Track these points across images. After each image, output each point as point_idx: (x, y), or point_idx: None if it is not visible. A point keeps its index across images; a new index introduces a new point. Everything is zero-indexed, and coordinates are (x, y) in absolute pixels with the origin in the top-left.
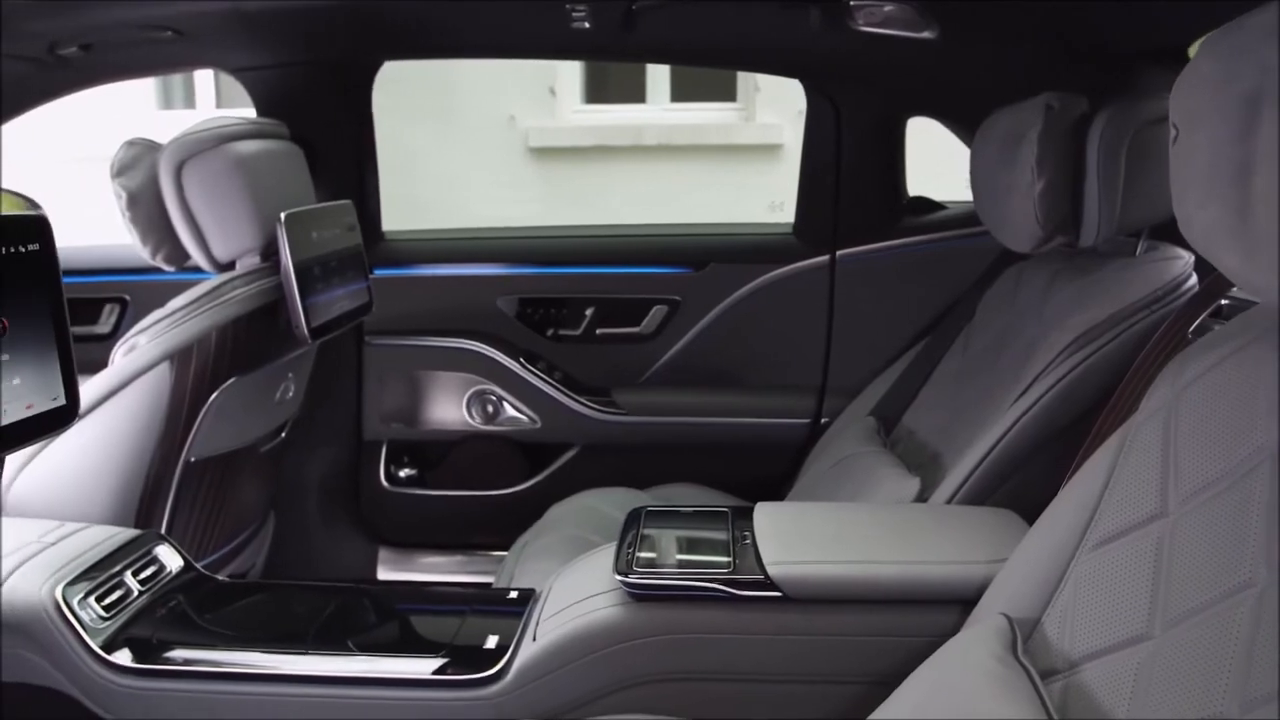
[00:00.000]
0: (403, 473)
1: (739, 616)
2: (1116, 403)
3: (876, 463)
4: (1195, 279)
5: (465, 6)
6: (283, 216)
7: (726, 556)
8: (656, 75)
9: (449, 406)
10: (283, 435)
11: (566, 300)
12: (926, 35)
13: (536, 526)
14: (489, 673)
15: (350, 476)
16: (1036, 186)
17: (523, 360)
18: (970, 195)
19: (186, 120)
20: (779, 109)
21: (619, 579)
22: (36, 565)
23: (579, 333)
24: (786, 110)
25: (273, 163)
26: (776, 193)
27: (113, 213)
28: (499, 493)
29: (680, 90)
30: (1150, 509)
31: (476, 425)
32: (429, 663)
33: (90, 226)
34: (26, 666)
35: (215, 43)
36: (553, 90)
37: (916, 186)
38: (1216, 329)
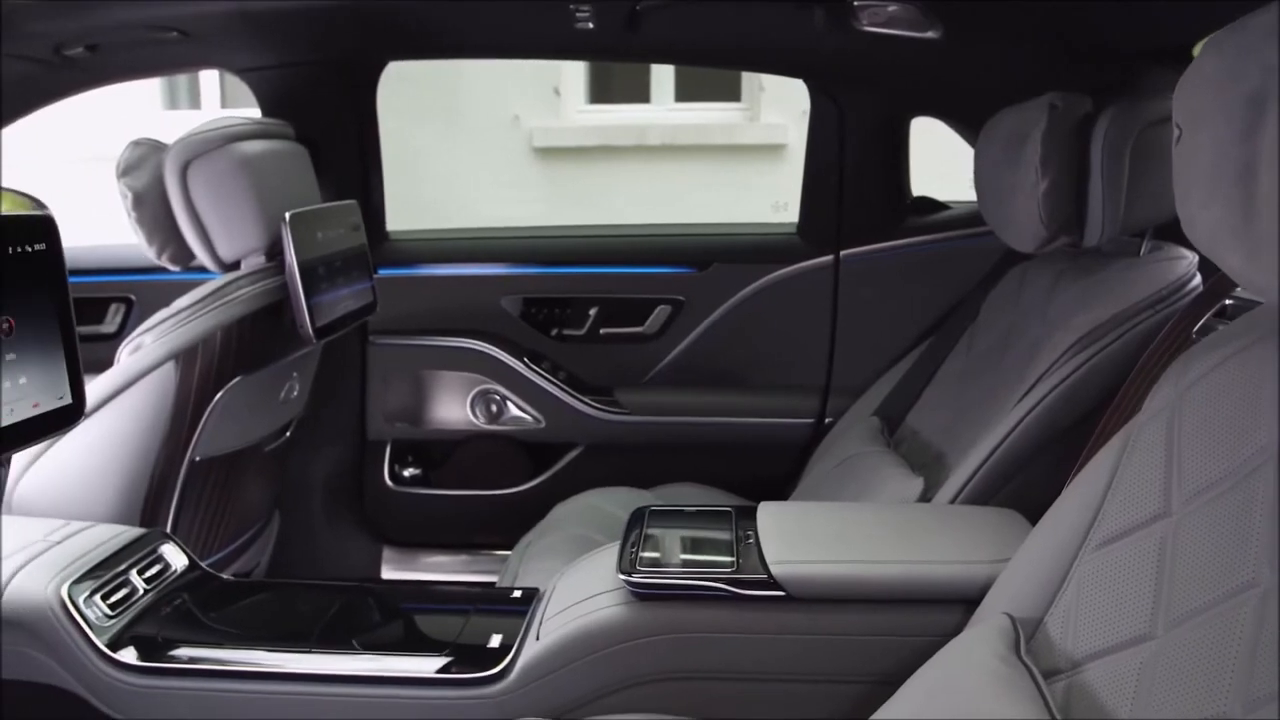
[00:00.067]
0: (407, 472)
1: (742, 616)
2: (1120, 403)
3: (880, 463)
4: (1199, 279)
5: (470, 7)
6: (287, 216)
7: (730, 556)
8: (661, 75)
9: (453, 406)
10: (287, 434)
11: (570, 300)
12: (930, 35)
13: (540, 526)
14: (493, 671)
15: (354, 476)
16: (1040, 186)
17: (527, 360)
18: (974, 195)
19: (192, 120)
20: (783, 109)
21: (622, 578)
22: (42, 564)
23: (583, 332)
24: (791, 110)
25: (278, 163)
26: (780, 193)
27: (118, 212)
28: (503, 492)
29: (684, 90)
30: (1153, 509)
31: (480, 425)
32: (433, 661)
33: (96, 226)
34: (32, 665)
35: (220, 43)
36: (557, 90)
37: (920, 186)
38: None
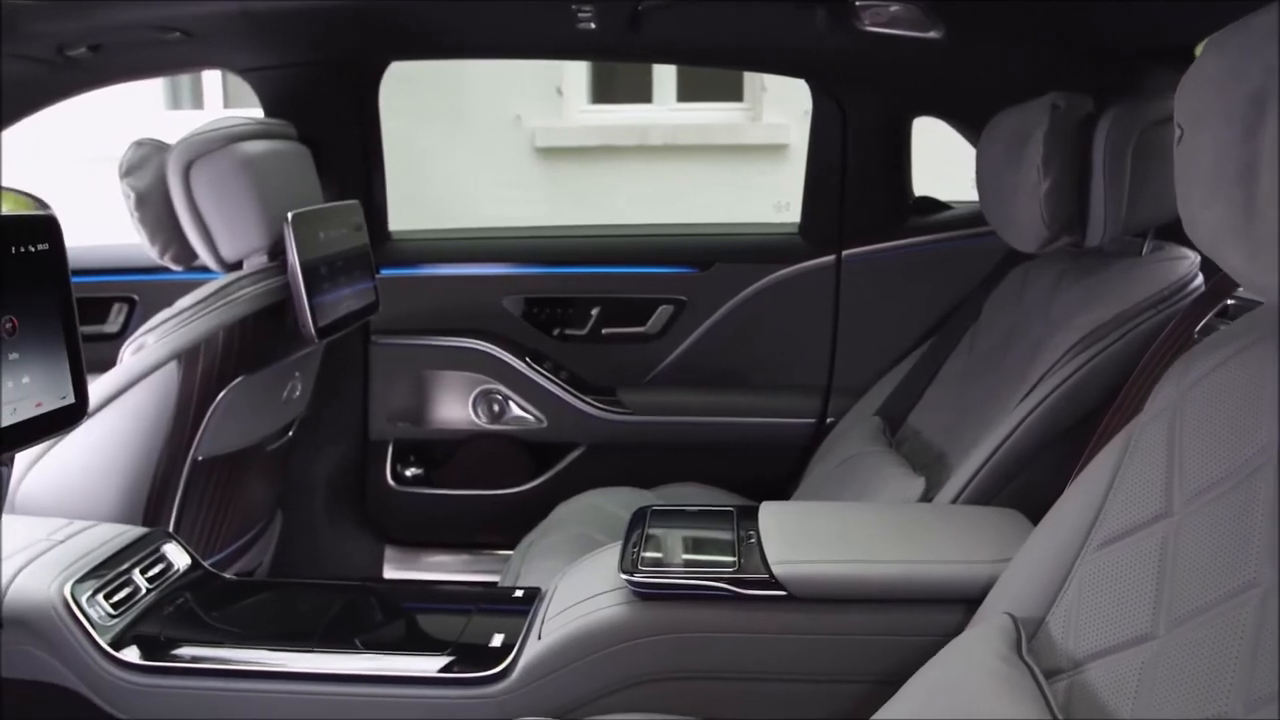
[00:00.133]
0: (409, 472)
1: (744, 615)
2: (1122, 403)
3: (882, 462)
4: (1201, 279)
5: (472, 7)
6: (290, 216)
7: (731, 556)
8: (663, 75)
9: (455, 406)
10: (289, 434)
11: (572, 300)
12: (932, 35)
13: (542, 525)
14: (494, 671)
15: (357, 475)
16: (1042, 186)
17: (529, 360)
18: (976, 195)
19: (194, 120)
20: (785, 109)
21: (624, 578)
22: (45, 563)
23: (585, 332)
24: (793, 110)
25: (280, 163)
26: (782, 193)
27: (121, 213)
28: (505, 492)
29: (686, 90)
30: (1155, 509)
31: (482, 424)
32: (435, 661)
33: (99, 226)
34: (35, 663)
35: (223, 43)
36: (559, 90)
37: (922, 186)
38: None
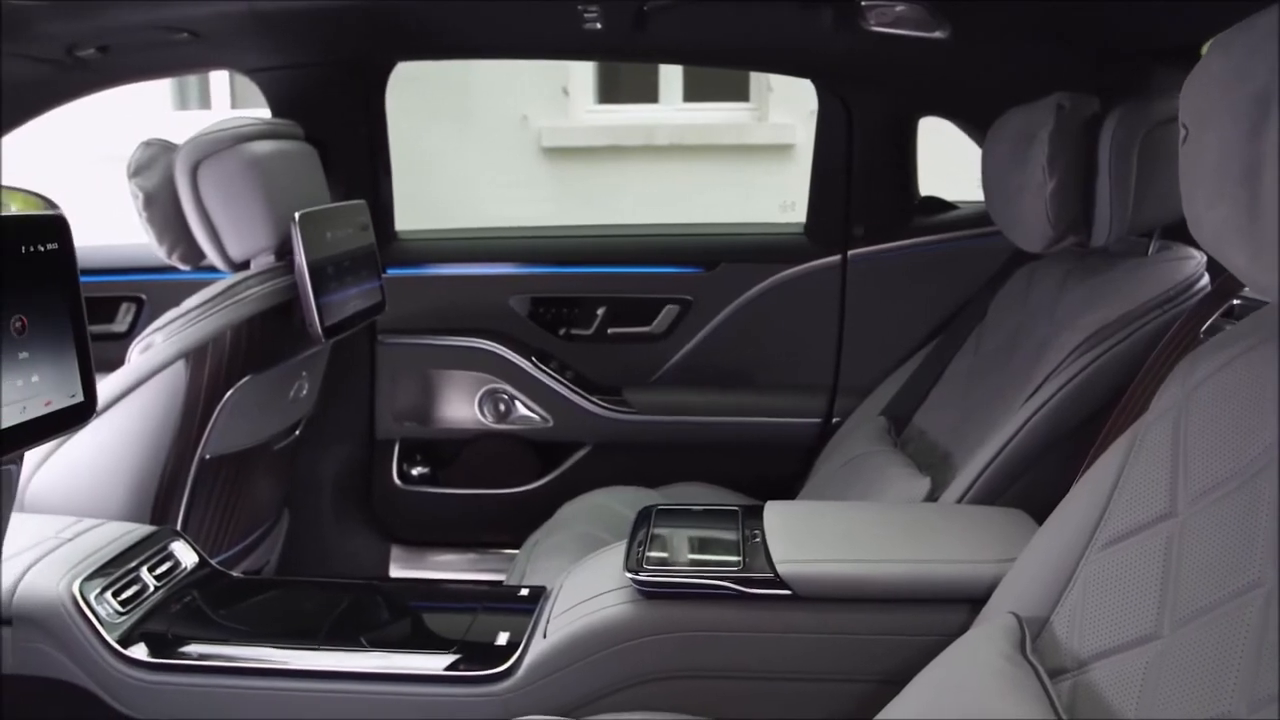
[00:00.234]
0: (415, 471)
1: (749, 614)
2: (1128, 403)
3: (887, 462)
4: (1207, 279)
5: (479, 7)
6: (297, 216)
7: (736, 555)
8: (669, 75)
9: (461, 405)
10: (296, 433)
11: (578, 300)
12: (938, 35)
13: (548, 525)
14: (500, 669)
15: (363, 474)
16: (1048, 186)
17: (534, 359)
18: (982, 195)
19: (202, 121)
20: (791, 109)
21: (629, 577)
22: (54, 561)
23: (590, 332)
24: (799, 110)
25: (287, 163)
26: (788, 192)
27: (129, 212)
28: (511, 491)
29: (693, 90)
30: (1159, 509)
31: (488, 424)
32: (441, 659)
33: (107, 226)
34: (44, 660)
35: (230, 44)
36: (566, 90)
37: (928, 186)
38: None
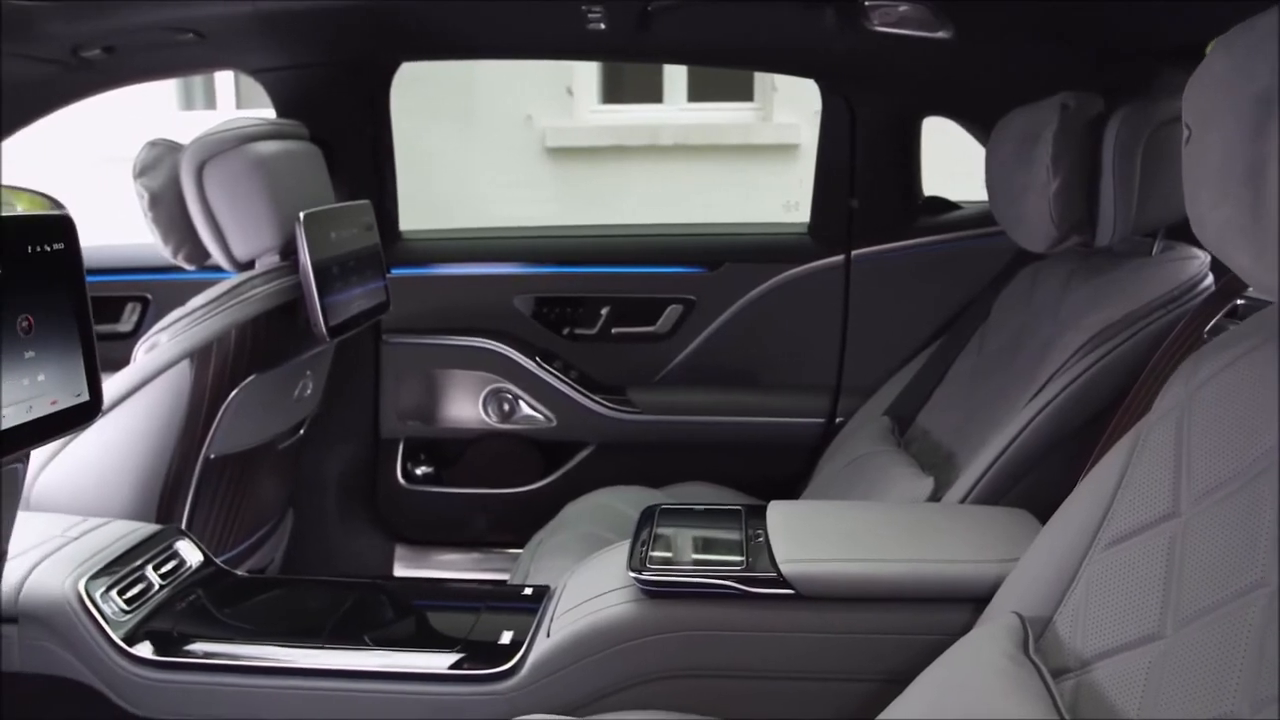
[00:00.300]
0: (419, 470)
1: (752, 614)
2: (1131, 403)
3: (890, 462)
4: (1211, 279)
5: (482, 8)
6: (302, 216)
7: (740, 555)
8: (673, 75)
9: (465, 405)
10: (301, 433)
11: (582, 299)
12: (942, 35)
13: (552, 524)
14: (504, 668)
15: (367, 474)
16: (1052, 186)
17: (539, 359)
18: (985, 195)
19: (207, 121)
20: (796, 109)
21: (633, 576)
22: (60, 559)
23: (594, 332)
24: (803, 110)
25: (292, 163)
26: (792, 192)
27: (135, 212)
28: (515, 490)
29: (697, 90)
30: (1162, 509)
31: (493, 423)
32: (444, 658)
33: (113, 226)
34: (50, 658)
35: (235, 44)
36: (570, 90)
37: (932, 186)
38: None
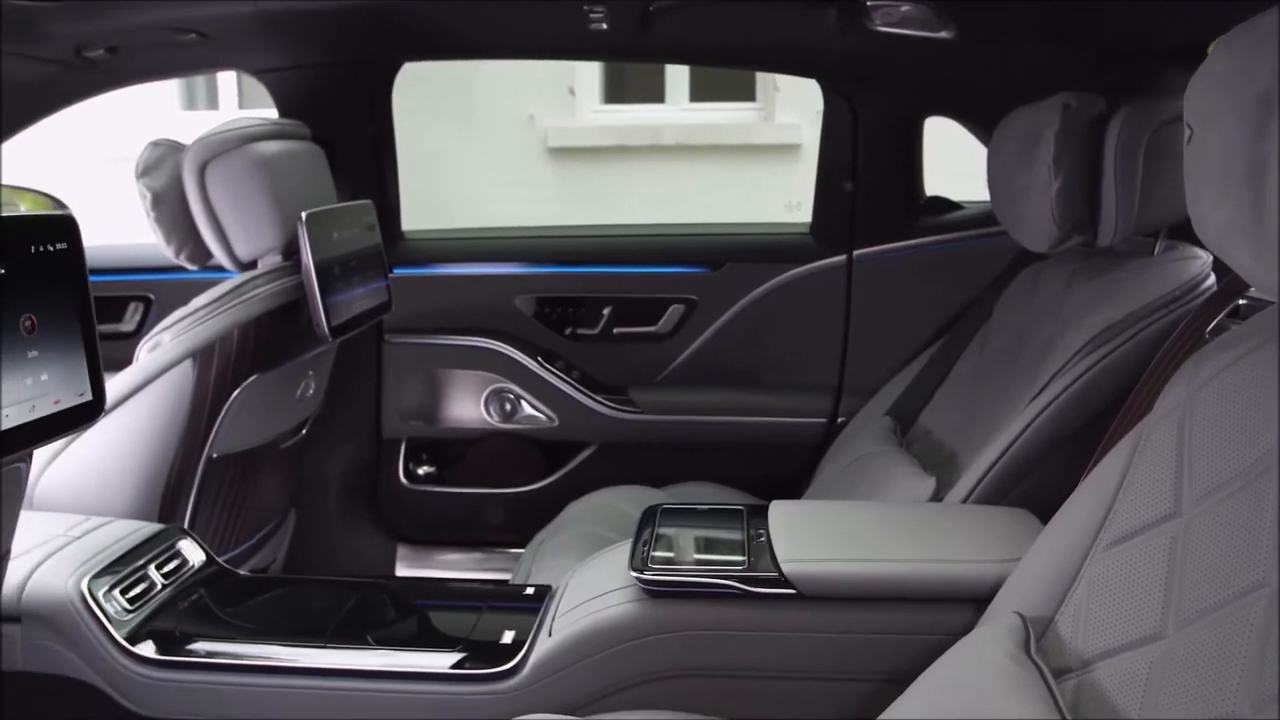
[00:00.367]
0: (421, 470)
1: (753, 613)
2: (1133, 403)
3: (892, 462)
4: (1213, 279)
5: (485, 8)
6: (304, 216)
7: (741, 554)
8: (675, 75)
9: (467, 405)
10: (303, 432)
11: (584, 299)
12: (944, 35)
13: (553, 524)
14: (505, 667)
15: (370, 473)
16: (1054, 186)
17: (540, 359)
18: (987, 195)
19: (209, 121)
20: (798, 109)
21: (634, 576)
22: (63, 558)
23: (596, 332)
24: (805, 110)
25: (294, 163)
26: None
27: (137, 212)
28: (517, 490)
29: (699, 90)
30: (1164, 509)
31: (495, 423)
32: (446, 657)
33: (116, 226)
34: (53, 657)
35: (238, 45)
36: (572, 90)
37: (934, 186)
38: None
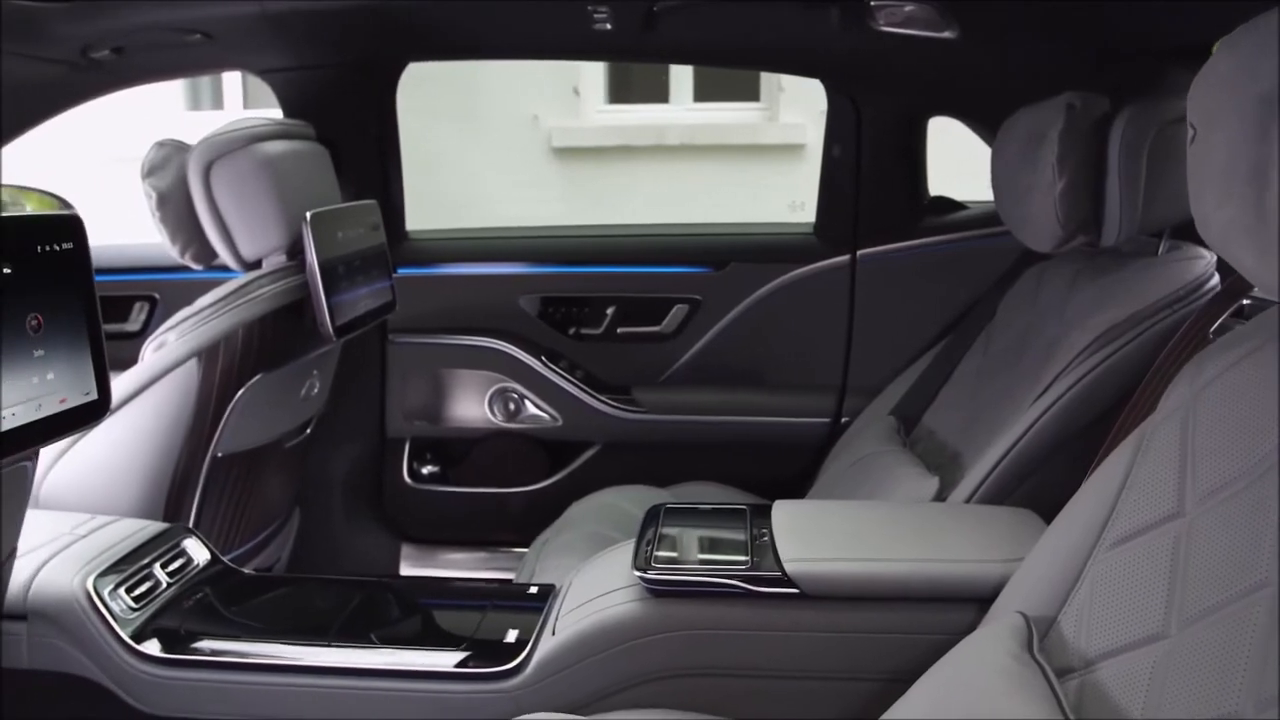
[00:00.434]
0: (425, 469)
1: (756, 613)
2: (1137, 402)
3: (896, 462)
4: (1217, 279)
5: (489, 8)
6: (308, 216)
7: (744, 554)
8: (680, 75)
9: (471, 404)
10: (308, 432)
11: (588, 299)
12: (947, 35)
13: (557, 523)
14: (509, 666)
15: (374, 473)
16: (1057, 186)
17: (544, 359)
18: (991, 195)
19: (214, 121)
20: (802, 109)
21: (638, 575)
22: (69, 557)
23: (600, 331)
24: (810, 110)
25: (299, 163)
26: (798, 192)
27: (143, 212)
28: (520, 490)
29: (703, 90)
30: (1167, 509)
31: (498, 423)
32: (450, 656)
33: (121, 226)
34: (58, 655)
35: (243, 45)
36: (576, 90)
37: (937, 186)
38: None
